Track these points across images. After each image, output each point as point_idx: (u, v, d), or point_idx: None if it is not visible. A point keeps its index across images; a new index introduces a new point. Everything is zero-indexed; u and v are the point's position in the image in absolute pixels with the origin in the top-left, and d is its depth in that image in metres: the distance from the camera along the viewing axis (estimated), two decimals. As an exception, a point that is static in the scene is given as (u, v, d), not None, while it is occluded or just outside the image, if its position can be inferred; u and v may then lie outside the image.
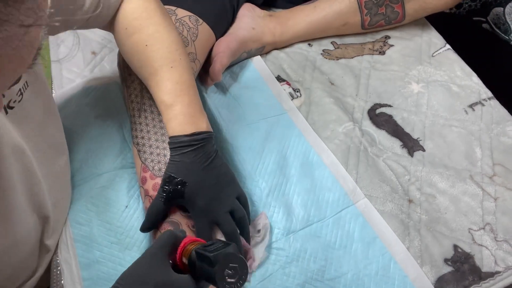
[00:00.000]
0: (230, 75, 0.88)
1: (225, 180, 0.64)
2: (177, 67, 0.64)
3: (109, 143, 0.75)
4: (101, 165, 0.73)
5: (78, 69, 0.89)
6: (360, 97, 0.86)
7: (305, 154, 0.77)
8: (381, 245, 0.68)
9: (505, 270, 0.66)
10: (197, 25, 0.80)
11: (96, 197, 0.70)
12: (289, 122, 0.82)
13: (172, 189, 0.61)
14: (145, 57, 0.65)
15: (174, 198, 0.61)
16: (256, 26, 0.88)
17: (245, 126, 0.80)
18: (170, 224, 0.63)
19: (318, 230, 0.69)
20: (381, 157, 0.78)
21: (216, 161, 0.63)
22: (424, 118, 0.83)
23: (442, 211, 0.72)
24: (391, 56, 0.93)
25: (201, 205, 0.61)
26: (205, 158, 0.62)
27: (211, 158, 0.63)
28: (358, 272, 0.65)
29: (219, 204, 0.62)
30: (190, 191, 0.61)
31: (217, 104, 0.83)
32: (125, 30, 0.65)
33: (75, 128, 0.77)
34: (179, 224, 0.63)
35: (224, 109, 0.82)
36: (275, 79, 0.87)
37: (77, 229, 0.67)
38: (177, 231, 0.54)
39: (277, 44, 0.92)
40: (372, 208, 0.71)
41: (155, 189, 0.64)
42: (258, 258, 0.65)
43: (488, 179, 0.76)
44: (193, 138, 0.61)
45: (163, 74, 0.63)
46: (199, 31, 0.80)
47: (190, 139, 0.61)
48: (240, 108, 0.82)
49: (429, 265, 0.67)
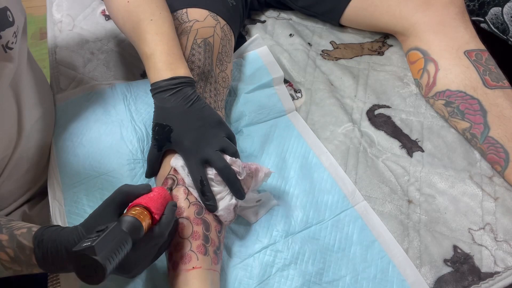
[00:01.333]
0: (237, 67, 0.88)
1: (210, 121, 0.65)
2: (156, 20, 0.68)
3: (107, 145, 0.75)
4: (99, 167, 0.73)
5: (76, 69, 0.90)
6: (358, 98, 0.86)
7: (304, 156, 0.77)
8: (380, 248, 0.67)
9: (505, 270, 0.66)
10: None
11: (93, 199, 0.70)
12: (288, 123, 0.82)
13: (160, 135, 0.64)
14: (127, 14, 0.69)
15: (163, 143, 0.64)
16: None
17: (245, 128, 0.80)
18: (170, 179, 0.65)
19: (317, 232, 0.69)
20: (380, 158, 0.78)
21: (197, 104, 0.65)
22: (423, 119, 0.83)
23: (441, 211, 0.72)
24: (390, 57, 0.93)
25: (188, 145, 0.63)
26: (185, 101, 0.64)
27: (191, 101, 0.64)
28: (357, 275, 0.65)
29: (207, 143, 0.63)
30: (176, 134, 0.63)
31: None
32: None
33: (75, 131, 0.77)
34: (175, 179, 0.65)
35: (226, 109, 0.82)
36: (282, 77, 0.86)
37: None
38: (141, 185, 0.57)
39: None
40: (371, 211, 0.71)
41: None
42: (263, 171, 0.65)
43: (487, 179, 0.76)
44: (170, 83, 0.64)
45: (144, 27, 0.67)
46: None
47: (167, 83, 0.64)
48: (241, 107, 0.82)
49: (428, 266, 0.67)
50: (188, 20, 0.79)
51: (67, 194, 0.71)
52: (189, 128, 0.63)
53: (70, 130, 0.77)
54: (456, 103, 0.78)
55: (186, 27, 0.78)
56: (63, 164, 0.73)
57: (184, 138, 0.63)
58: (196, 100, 0.65)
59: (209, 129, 0.64)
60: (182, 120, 0.64)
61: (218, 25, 0.80)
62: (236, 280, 0.64)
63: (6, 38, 0.58)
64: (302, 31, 0.99)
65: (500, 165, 0.74)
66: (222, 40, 0.79)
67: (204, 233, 0.61)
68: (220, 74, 0.76)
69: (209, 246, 0.61)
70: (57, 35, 0.96)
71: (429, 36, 0.82)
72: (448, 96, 0.79)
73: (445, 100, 0.79)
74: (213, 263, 0.60)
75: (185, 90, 0.64)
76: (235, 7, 0.87)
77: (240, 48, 0.90)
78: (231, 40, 0.83)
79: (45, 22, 1.01)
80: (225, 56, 0.79)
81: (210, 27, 0.78)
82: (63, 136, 0.76)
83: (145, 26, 0.67)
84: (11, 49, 0.59)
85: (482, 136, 0.75)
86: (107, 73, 0.89)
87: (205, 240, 0.61)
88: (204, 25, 0.78)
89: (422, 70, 0.83)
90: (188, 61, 0.74)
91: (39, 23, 1.85)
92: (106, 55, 0.92)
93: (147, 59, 0.66)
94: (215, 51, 0.77)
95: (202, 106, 0.65)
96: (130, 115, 0.78)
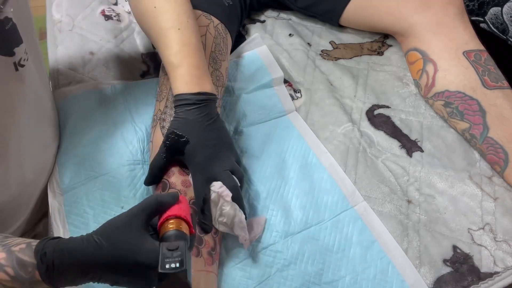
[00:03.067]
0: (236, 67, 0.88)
1: (225, 142, 0.65)
2: (184, 30, 0.66)
3: (107, 146, 0.75)
4: (99, 168, 0.73)
5: (76, 70, 0.90)
6: (358, 98, 0.86)
7: (304, 156, 0.77)
8: (380, 249, 0.67)
9: (504, 270, 0.66)
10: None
11: (92, 200, 0.70)
12: (288, 123, 0.82)
13: (174, 145, 0.62)
14: (153, 19, 0.68)
15: (175, 153, 0.63)
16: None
17: (245, 129, 0.80)
18: (162, 183, 0.65)
19: (316, 233, 0.69)
20: (379, 158, 0.78)
21: (218, 123, 0.65)
22: (422, 119, 0.83)
23: (441, 211, 0.72)
24: (389, 57, 0.93)
25: (200, 162, 0.62)
26: (208, 118, 0.64)
27: (214, 118, 0.64)
28: (356, 275, 0.65)
29: (219, 162, 0.62)
30: (191, 147, 0.62)
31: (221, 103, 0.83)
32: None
33: (74, 132, 0.77)
34: (168, 183, 0.65)
35: (226, 109, 0.82)
36: (282, 77, 0.86)
37: (75, 233, 0.67)
38: (169, 194, 0.53)
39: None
40: (371, 211, 0.71)
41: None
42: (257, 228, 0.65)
43: (487, 179, 0.76)
44: (198, 97, 0.63)
45: (171, 36, 0.66)
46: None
47: (195, 97, 0.63)
48: (241, 108, 0.82)
49: (428, 266, 0.67)
50: None
51: (66, 194, 0.71)
52: (205, 144, 0.63)
53: (69, 130, 0.77)
54: (455, 103, 0.78)
55: None
56: (63, 164, 0.73)
57: (197, 153, 0.62)
58: (218, 119, 0.65)
59: (222, 149, 0.64)
60: (200, 135, 0.63)
61: (211, 24, 0.80)
62: (235, 281, 0.64)
63: (18, 55, 0.56)
64: (301, 31, 0.99)
65: (499, 166, 0.74)
66: (216, 39, 0.79)
67: (197, 234, 0.62)
68: (214, 72, 0.76)
69: (202, 247, 0.61)
70: (57, 35, 0.96)
71: (428, 36, 0.82)
72: (447, 96, 0.79)
73: (444, 101, 0.79)
74: (206, 264, 0.61)
75: (210, 107, 0.64)
76: (232, 6, 0.87)
77: (239, 47, 0.90)
78: (226, 39, 0.83)
79: (44, 22, 1.01)
80: (218, 54, 0.78)
81: (202, 26, 0.78)
82: (63, 136, 0.76)
83: (172, 35, 0.66)
84: (22, 66, 0.57)
85: (482, 137, 0.75)
86: (106, 73, 0.89)
87: (198, 242, 0.61)
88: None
89: (421, 71, 0.83)
90: None
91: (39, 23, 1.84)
92: (106, 55, 0.92)
93: (174, 69, 0.65)
94: (207, 50, 0.76)
95: (221, 126, 0.65)
96: (130, 116, 0.78)
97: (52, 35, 0.96)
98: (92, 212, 0.69)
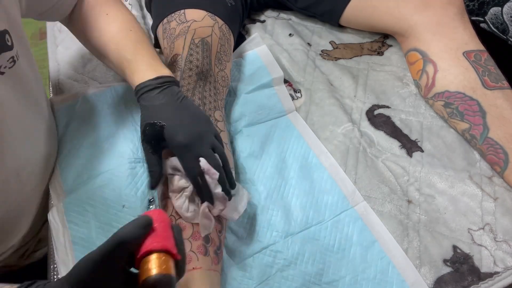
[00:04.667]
0: (236, 67, 0.88)
1: (200, 119, 0.64)
2: (136, 31, 0.69)
3: (108, 146, 0.75)
4: (100, 166, 0.73)
5: (76, 69, 0.90)
6: (358, 98, 0.86)
7: (304, 156, 0.77)
8: (380, 249, 0.68)
9: (504, 270, 0.66)
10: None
11: (93, 198, 0.70)
12: (288, 123, 0.82)
13: (153, 135, 0.62)
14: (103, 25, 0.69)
15: (157, 142, 0.63)
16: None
17: (245, 129, 0.80)
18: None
19: (317, 233, 0.69)
20: (380, 158, 0.78)
21: (186, 102, 0.64)
22: (422, 119, 0.83)
23: (441, 211, 0.72)
24: (389, 57, 0.93)
25: (182, 141, 0.61)
26: (175, 98, 0.63)
27: (180, 98, 0.64)
28: (356, 275, 0.65)
29: (201, 139, 0.62)
30: (169, 130, 0.61)
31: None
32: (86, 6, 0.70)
33: (76, 133, 0.77)
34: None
35: (226, 109, 0.82)
36: (282, 77, 0.86)
37: (76, 231, 0.67)
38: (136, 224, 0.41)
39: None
40: (371, 211, 0.71)
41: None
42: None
43: (487, 179, 0.76)
44: (157, 81, 0.63)
45: (122, 36, 0.67)
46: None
47: (154, 82, 0.63)
48: (240, 108, 0.82)
49: (428, 266, 0.67)
50: (186, 20, 0.79)
51: (69, 195, 0.70)
52: (182, 123, 0.62)
53: (71, 132, 0.77)
54: (455, 104, 0.78)
55: (183, 27, 0.78)
56: (65, 166, 0.73)
57: (178, 134, 0.61)
58: (185, 99, 0.64)
59: (201, 126, 0.63)
60: (174, 116, 0.62)
61: (216, 25, 0.80)
62: (236, 281, 0.64)
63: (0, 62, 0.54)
64: (301, 31, 0.99)
65: (499, 166, 0.74)
66: (221, 39, 0.79)
67: (202, 233, 0.61)
68: (219, 73, 0.76)
69: (210, 246, 0.61)
70: (57, 35, 0.96)
71: (428, 37, 0.82)
72: (447, 97, 0.79)
73: (444, 101, 0.79)
74: (213, 263, 0.60)
75: (173, 88, 0.64)
76: (234, 7, 0.87)
77: (239, 47, 0.90)
78: (230, 39, 0.83)
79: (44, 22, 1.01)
80: (223, 55, 0.79)
81: (208, 27, 0.78)
82: (65, 138, 0.76)
83: (126, 35, 0.68)
84: (2, 74, 0.55)
85: (482, 137, 0.75)
86: (106, 73, 0.89)
87: (205, 240, 0.61)
88: (202, 25, 0.78)
89: (421, 71, 0.83)
90: (186, 60, 0.74)
91: (39, 23, 1.85)
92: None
93: (129, 64, 0.66)
94: (213, 51, 0.76)
95: (191, 104, 0.65)
96: (131, 116, 0.78)
97: (52, 35, 0.96)
98: (93, 210, 0.69)
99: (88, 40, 0.71)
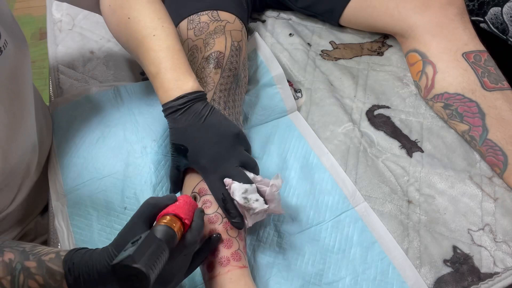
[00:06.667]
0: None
1: (227, 135, 0.63)
2: (159, 35, 0.65)
3: (110, 147, 0.75)
4: (102, 169, 0.73)
5: (76, 69, 0.90)
6: (358, 98, 0.86)
7: (305, 157, 0.77)
8: (380, 250, 0.67)
9: (504, 271, 0.66)
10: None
11: (96, 201, 0.70)
12: (289, 123, 0.82)
13: (176, 155, 0.64)
14: (129, 31, 0.66)
15: (181, 162, 0.64)
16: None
17: (246, 130, 0.80)
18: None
19: (317, 233, 0.69)
20: (380, 158, 0.78)
21: (211, 119, 0.63)
22: (422, 119, 0.83)
23: (441, 211, 0.72)
24: (389, 57, 0.93)
25: (205, 164, 0.61)
26: (197, 118, 0.62)
27: (204, 116, 0.62)
28: (356, 276, 0.65)
29: (226, 160, 0.61)
30: (192, 154, 0.62)
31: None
32: (109, 7, 0.68)
33: (77, 133, 0.77)
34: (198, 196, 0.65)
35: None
36: (282, 74, 0.85)
37: (79, 234, 0.68)
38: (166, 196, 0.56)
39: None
40: (372, 212, 0.71)
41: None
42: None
43: (487, 180, 0.76)
44: (177, 102, 0.62)
45: (147, 44, 0.65)
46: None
47: (176, 104, 0.62)
48: (243, 109, 0.82)
49: (428, 266, 0.67)
50: (220, 19, 0.78)
51: (69, 196, 0.71)
52: (205, 146, 0.62)
53: (72, 132, 0.77)
54: (455, 105, 0.78)
55: (218, 25, 0.77)
56: (66, 166, 0.73)
57: (200, 157, 0.62)
58: (210, 115, 0.63)
59: (226, 144, 0.62)
60: (196, 139, 0.62)
61: (243, 29, 0.80)
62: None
63: None
64: (301, 31, 0.99)
65: (499, 168, 0.74)
66: (246, 44, 0.80)
67: (244, 236, 0.64)
68: (243, 79, 0.77)
69: (241, 241, 0.63)
70: (57, 34, 0.96)
71: (427, 38, 0.82)
72: (447, 98, 0.79)
73: (444, 103, 0.79)
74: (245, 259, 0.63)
75: (195, 107, 0.62)
76: (246, 10, 0.88)
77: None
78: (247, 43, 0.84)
79: (44, 22, 1.01)
80: (246, 60, 0.79)
81: (239, 31, 0.78)
82: (66, 138, 0.76)
83: (148, 43, 0.64)
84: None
85: (481, 139, 0.75)
86: (106, 72, 0.89)
87: (246, 242, 0.63)
88: (235, 28, 0.78)
89: (420, 73, 0.83)
90: (228, 61, 0.74)
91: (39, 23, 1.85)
92: (106, 54, 0.93)
93: (154, 79, 0.64)
94: (242, 55, 0.77)
95: (217, 120, 0.63)
96: (133, 117, 0.78)
97: (52, 35, 0.96)
98: (95, 213, 0.69)
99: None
